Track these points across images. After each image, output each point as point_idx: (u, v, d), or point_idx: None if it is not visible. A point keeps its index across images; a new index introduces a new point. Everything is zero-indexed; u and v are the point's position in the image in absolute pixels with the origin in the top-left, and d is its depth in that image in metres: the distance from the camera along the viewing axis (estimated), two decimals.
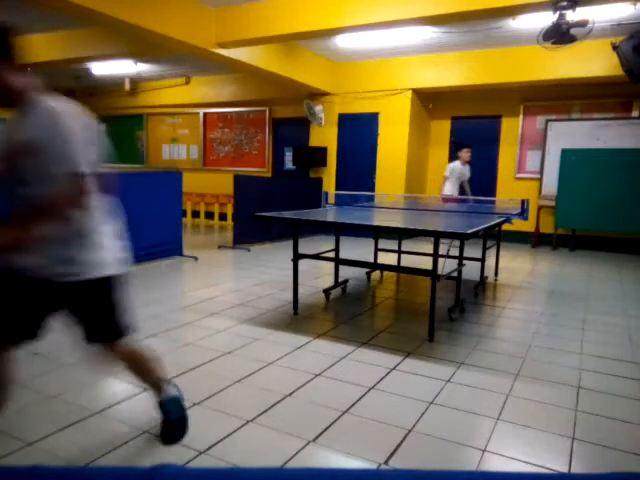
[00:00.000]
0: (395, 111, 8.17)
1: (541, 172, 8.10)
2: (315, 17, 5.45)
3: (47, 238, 1.61)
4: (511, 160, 8.39)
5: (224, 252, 6.79)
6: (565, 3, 4.53)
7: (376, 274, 5.52)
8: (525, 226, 7.53)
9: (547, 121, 7.98)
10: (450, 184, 7.61)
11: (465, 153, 7.65)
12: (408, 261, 5.31)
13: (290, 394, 2.49)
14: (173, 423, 2.03)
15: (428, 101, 8.61)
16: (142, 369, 1.99)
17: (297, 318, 3.82)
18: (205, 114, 10.73)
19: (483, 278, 4.98)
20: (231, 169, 10.25)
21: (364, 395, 2.51)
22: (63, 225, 1.62)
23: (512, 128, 8.30)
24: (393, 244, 5.54)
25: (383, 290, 4.96)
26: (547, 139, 8.00)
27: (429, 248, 3.53)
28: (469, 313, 4.08)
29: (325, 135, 8.82)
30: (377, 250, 5.36)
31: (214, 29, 5.91)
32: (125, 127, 11.72)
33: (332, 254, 4.50)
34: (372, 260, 5.35)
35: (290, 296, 4.07)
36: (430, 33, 6.55)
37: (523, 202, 5.01)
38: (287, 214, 3.92)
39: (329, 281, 4.89)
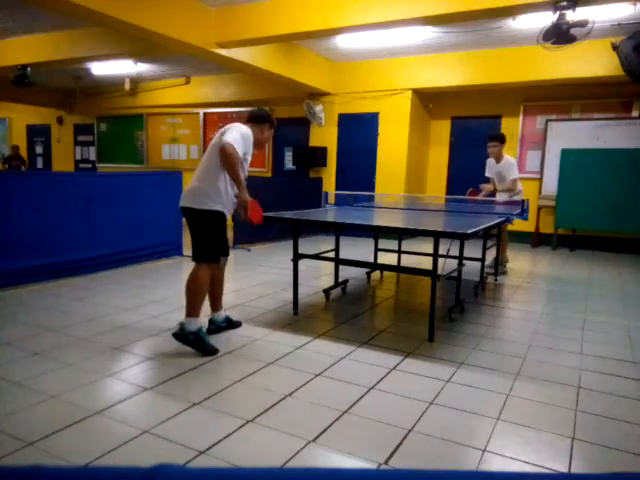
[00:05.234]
0: (395, 111, 8.17)
1: (541, 172, 8.09)
2: (315, 17, 5.45)
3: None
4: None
5: None
6: (565, 3, 4.53)
7: (376, 274, 5.51)
8: (525, 226, 7.52)
9: (547, 121, 7.98)
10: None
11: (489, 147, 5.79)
12: (408, 261, 5.31)
13: (290, 394, 2.49)
14: (191, 343, 3.00)
15: (428, 101, 8.61)
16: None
17: (297, 318, 3.81)
18: (205, 114, 10.73)
19: (483, 278, 4.98)
20: None
21: (364, 395, 2.51)
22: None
23: (512, 128, 8.29)
24: (393, 244, 5.54)
25: (383, 290, 4.96)
26: (547, 139, 8.00)
27: (429, 248, 3.53)
28: (469, 313, 4.08)
29: (325, 135, 8.82)
30: (377, 250, 5.35)
31: (214, 29, 5.91)
32: (125, 127, 11.73)
33: (332, 254, 4.49)
34: (372, 260, 5.34)
35: (290, 296, 4.07)
36: (430, 33, 6.55)
37: (523, 202, 5.00)
38: (287, 214, 3.92)
39: (329, 281, 4.89)
